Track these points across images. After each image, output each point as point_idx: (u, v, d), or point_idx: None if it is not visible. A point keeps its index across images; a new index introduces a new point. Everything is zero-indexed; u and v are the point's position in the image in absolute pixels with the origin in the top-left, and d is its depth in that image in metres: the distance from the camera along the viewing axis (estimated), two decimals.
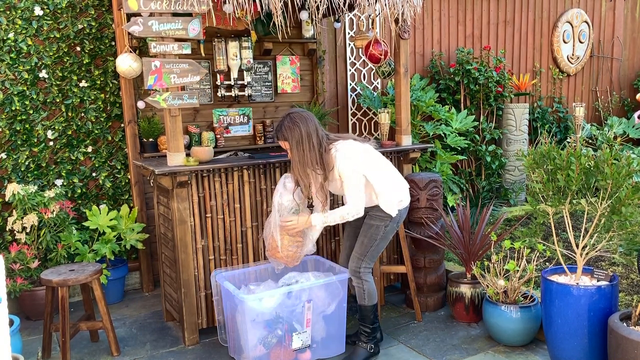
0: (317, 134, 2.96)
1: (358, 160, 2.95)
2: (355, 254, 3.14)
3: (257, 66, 4.76)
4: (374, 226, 3.08)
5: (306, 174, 2.96)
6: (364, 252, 3.11)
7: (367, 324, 3.17)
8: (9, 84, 4.03)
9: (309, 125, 2.95)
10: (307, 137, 2.93)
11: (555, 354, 2.95)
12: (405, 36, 3.84)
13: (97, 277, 3.30)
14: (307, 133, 2.93)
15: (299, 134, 2.93)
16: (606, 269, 3.73)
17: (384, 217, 3.07)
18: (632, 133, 6.58)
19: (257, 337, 3.00)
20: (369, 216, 3.11)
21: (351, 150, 2.96)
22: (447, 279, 3.79)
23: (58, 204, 3.91)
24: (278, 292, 3.02)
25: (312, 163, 2.94)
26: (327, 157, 2.97)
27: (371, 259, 3.13)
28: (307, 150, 2.93)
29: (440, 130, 5.34)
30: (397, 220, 3.12)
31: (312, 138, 2.94)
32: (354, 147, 2.98)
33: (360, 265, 3.11)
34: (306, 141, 2.93)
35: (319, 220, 3.03)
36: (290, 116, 2.98)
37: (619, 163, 2.72)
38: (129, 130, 4.29)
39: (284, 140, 3.01)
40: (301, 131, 2.93)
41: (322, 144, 2.97)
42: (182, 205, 3.30)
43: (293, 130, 2.94)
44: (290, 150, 2.99)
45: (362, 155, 2.99)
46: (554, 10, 6.60)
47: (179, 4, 3.12)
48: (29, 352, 3.33)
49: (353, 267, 3.13)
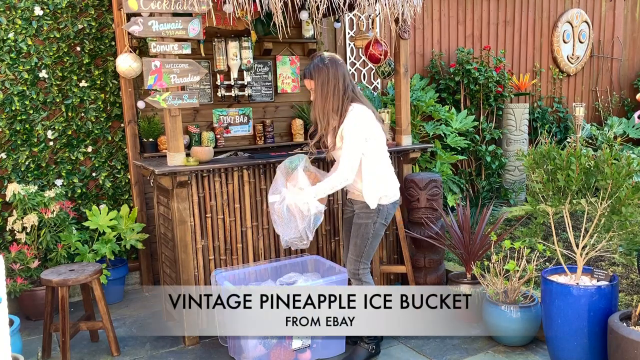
0: (344, 80, 2.95)
1: (366, 127, 2.93)
2: (352, 257, 3.12)
3: (257, 66, 4.76)
4: (362, 225, 3.06)
5: (325, 116, 2.94)
6: (359, 253, 3.10)
7: None
8: (9, 84, 4.03)
9: (338, 70, 2.94)
10: (334, 80, 2.91)
11: (555, 354, 2.95)
12: (405, 36, 3.84)
13: (97, 277, 3.30)
14: (334, 76, 2.92)
15: (325, 76, 2.92)
16: (606, 269, 3.73)
17: (370, 214, 3.03)
18: (632, 133, 6.58)
19: (257, 337, 3.00)
20: (357, 215, 3.09)
21: (365, 116, 2.94)
22: (447, 279, 3.79)
23: (58, 204, 3.91)
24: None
25: (333, 108, 2.92)
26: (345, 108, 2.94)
27: (367, 259, 3.12)
28: (331, 94, 2.91)
29: (440, 130, 5.34)
30: (385, 216, 3.08)
31: (339, 83, 2.92)
32: (368, 115, 2.95)
33: (359, 267, 3.11)
34: (332, 84, 2.91)
35: (310, 196, 2.97)
36: (322, 57, 2.97)
37: (619, 163, 2.72)
38: (129, 130, 4.29)
39: (310, 79, 2.97)
40: (329, 73, 2.91)
41: (347, 92, 2.95)
42: (182, 205, 3.30)
43: (321, 71, 2.93)
44: (314, 91, 2.97)
45: (372, 127, 2.96)
46: (554, 10, 6.60)
47: (179, 4, 3.12)
48: (29, 352, 3.33)
49: (352, 270, 3.13)
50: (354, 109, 2.94)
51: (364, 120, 2.94)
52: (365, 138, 2.93)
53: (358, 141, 2.90)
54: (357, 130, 2.90)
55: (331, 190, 2.97)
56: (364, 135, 2.92)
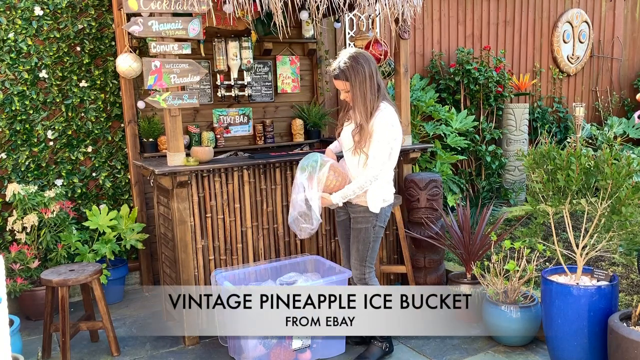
0: (377, 76, 2.92)
1: (397, 129, 2.92)
2: (356, 262, 3.10)
3: (257, 66, 4.76)
4: (362, 230, 3.03)
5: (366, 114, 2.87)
6: (362, 257, 3.08)
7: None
8: (9, 84, 4.03)
9: (372, 66, 2.90)
10: (369, 79, 2.87)
11: (555, 354, 2.95)
12: (405, 36, 3.84)
13: (97, 277, 3.30)
14: (370, 75, 2.88)
15: (362, 75, 2.86)
16: (606, 269, 3.73)
17: (369, 218, 3.01)
18: (632, 133, 6.58)
19: (257, 337, 3.00)
20: (354, 220, 3.06)
21: (396, 117, 2.93)
22: (447, 279, 3.79)
23: (58, 204, 3.91)
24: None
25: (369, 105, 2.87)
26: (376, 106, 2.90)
27: (371, 262, 3.11)
28: (369, 92, 2.86)
29: (440, 130, 5.34)
30: (383, 219, 3.06)
31: (374, 80, 2.90)
32: (397, 117, 2.94)
33: (364, 271, 3.09)
34: (368, 83, 2.87)
35: (338, 198, 2.95)
36: (354, 56, 2.89)
37: (619, 163, 2.72)
38: (129, 130, 4.29)
39: (345, 80, 2.89)
40: (365, 72, 2.86)
41: (381, 89, 2.92)
42: (182, 205, 3.30)
43: (357, 71, 2.85)
44: (350, 92, 2.90)
45: (400, 129, 2.96)
46: (554, 10, 6.60)
47: (179, 4, 3.12)
48: (29, 352, 3.33)
49: (358, 275, 3.11)
50: (386, 108, 2.90)
51: (396, 121, 2.92)
52: (394, 138, 2.91)
53: (389, 141, 2.88)
54: (391, 130, 2.88)
55: (360, 190, 2.93)
56: (393, 136, 2.90)
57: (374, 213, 2.99)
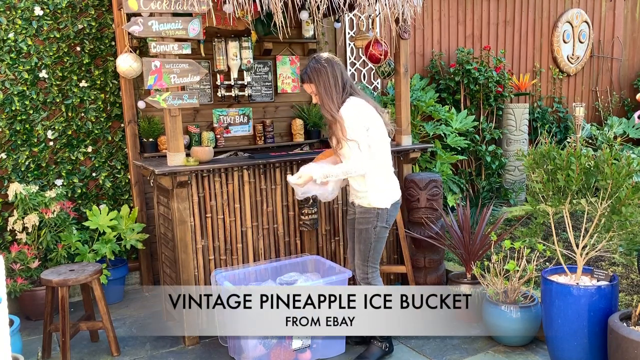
0: (342, 77, 2.95)
1: (364, 115, 2.91)
2: (359, 262, 3.11)
3: (257, 66, 4.76)
4: (363, 230, 3.03)
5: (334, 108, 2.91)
6: (365, 258, 3.08)
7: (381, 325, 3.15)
8: (9, 84, 4.03)
9: (335, 68, 2.94)
10: (333, 78, 2.92)
11: (555, 354, 2.95)
12: (405, 36, 3.84)
13: (97, 277, 3.30)
14: (333, 75, 2.92)
15: (325, 75, 2.91)
16: (606, 269, 3.73)
17: (370, 218, 3.00)
18: (632, 133, 6.58)
19: (257, 337, 3.00)
20: (357, 221, 3.07)
21: (361, 105, 2.93)
22: (447, 279, 3.79)
23: (59, 204, 3.91)
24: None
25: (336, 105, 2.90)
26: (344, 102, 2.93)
27: (374, 262, 3.11)
28: (334, 92, 2.91)
29: (440, 130, 5.34)
30: (386, 219, 3.04)
31: (339, 80, 2.93)
32: (364, 105, 2.94)
33: (367, 271, 3.09)
34: (332, 83, 2.91)
35: (319, 174, 2.97)
36: (317, 58, 2.97)
37: (619, 163, 2.72)
38: (129, 130, 4.29)
39: (309, 83, 2.97)
40: (327, 72, 2.92)
41: (347, 88, 2.95)
42: (182, 205, 3.30)
43: (320, 72, 2.92)
44: (316, 93, 2.96)
45: (371, 116, 2.94)
46: (554, 10, 6.60)
47: (179, 4, 3.12)
48: (29, 352, 3.33)
49: (361, 275, 3.11)
50: (350, 100, 2.93)
51: (361, 108, 2.92)
52: (366, 127, 2.90)
53: (359, 128, 2.87)
54: (356, 117, 2.88)
55: (343, 175, 2.95)
56: (363, 124, 2.89)
57: (375, 213, 2.98)
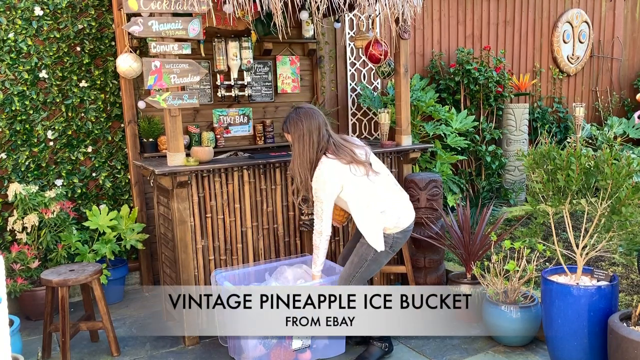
0: (318, 132, 2.95)
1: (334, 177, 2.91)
2: (344, 274, 3.06)
3: (257, 66, 4.76)
4: (365, 245, 3.00)
5: (303, 170, 2.97)
6: (352, 273, 3.03)
7: None
8: (9, 84, 4.03)
9: (312, 123, 2.95)
10: (308, 134, 2.94)
11: (555, 354, 2.95)
12: (405, 36, 3.84)
13: (97, 277, 3.30)
14: (308, 130, 2.94)
15: (300, 130, 2.94)
16: (606, 269, 3.73)
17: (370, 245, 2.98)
18: (632, 133, 6.58)
19: (257, 337, 3.00)
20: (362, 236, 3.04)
21: (332, 166, 2.91)
22: (447, 279, 3.79)
23: (58, 204, 3.91)
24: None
25: (309, 162, 2.95)
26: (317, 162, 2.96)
27: (359, 282, 3.04)
28: (307, 148, 2.94)
29: (440, 131, 5.34)
30: (390, 244, 3.00)
31: (313, 136, 2.94)
32: (335, 166, 2.91)
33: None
34: (306, 138, 2.94)
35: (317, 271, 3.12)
36: (297, 110, 3.01)
37: (619, 163, 2.72)
38: (129, 130, 4.29)
39: (287, 133, 3.04)
40: (303, 127, 2.94)
41: (321, 144, 2.95)
42: (182, 205, 3.30)
43: (297, 124, 2.96)
44: (292, 145, 3.01)
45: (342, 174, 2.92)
46: (554, 10, 6.60)
47: (179, 4, 3.12)
48: (29, 352, 3.33)
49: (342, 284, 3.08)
50: (322, 162, 2.93)
51: (330, 171, 2.90)
52: (339, 185, 2.92)
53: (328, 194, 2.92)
54: (324, 182, 2.90)
55: (324, 253, 3.06)
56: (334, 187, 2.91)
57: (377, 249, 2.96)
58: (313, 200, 3.02)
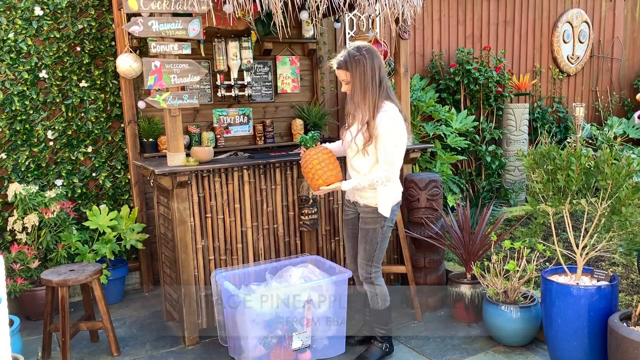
0: (380, 72, 2.82)
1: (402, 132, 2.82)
2: (362, 261, 3.07)
3: (257, 66, 4.76)
4: (371, 230, 3.00)
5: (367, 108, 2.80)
6: (370, 257, 3.04)
7: (381, 325, 3.15)
8: (9, 84, 4.03)
9: (375, 61, 2.80)
10: (371, 71, 2.78)
11: (555, 354, 2.95)
12: (405, 36, 3.84)
13: (97, 277, 3.30)
14: (372, 68, 2.79)
15: (364, 67, 2.77)
16: (606, 269, 3.73)
17: (378, 218, 2.98)
18: (632, 133, 6.58)
19: (257, 337, 3.00)
20: (362, 220, 3.03)
21: (401, 120, 2.83)
22: (447, 279, 3.79)
23: (58, 204, 3.91)
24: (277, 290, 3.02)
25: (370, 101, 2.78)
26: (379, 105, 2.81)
27: (378, 262, 3.08)
28: (370, 86, 2.78)
29: (440, 131, 5.34)
30: (392, 218, 3.03)
31: (376, 75, 2.80)
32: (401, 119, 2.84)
33: (371, 271, 3.06)
34: (369, 76, 2.78)
35: (348, 186, 2.94)
36: (359, 47, 2.83)
37: (619, 163, 2.72)
38: (129, 130, 4.29)
39: (345, 70, 2.83)
40: (366, 64, 2.77)
41: (383, 85, 2.82)
42: (182, 205, 3.30)
43: (359, 62, 2.78)
44: (350, 83, 2.84)
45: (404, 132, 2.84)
46: (554, 10, 6.60)
47: (179, 4, 3.12)
48: (29, 352, 3.33)
49: (364, 275, 3.08)
50: (389, 109, 2.82)
51: (401, 124, 2.83)
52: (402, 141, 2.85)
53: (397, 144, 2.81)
54: (396, 133, 2.80)
55: (370, 187, 2.90)
56: (402, 139, 2.83)
57: (380, 214, 2.97)
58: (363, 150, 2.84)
